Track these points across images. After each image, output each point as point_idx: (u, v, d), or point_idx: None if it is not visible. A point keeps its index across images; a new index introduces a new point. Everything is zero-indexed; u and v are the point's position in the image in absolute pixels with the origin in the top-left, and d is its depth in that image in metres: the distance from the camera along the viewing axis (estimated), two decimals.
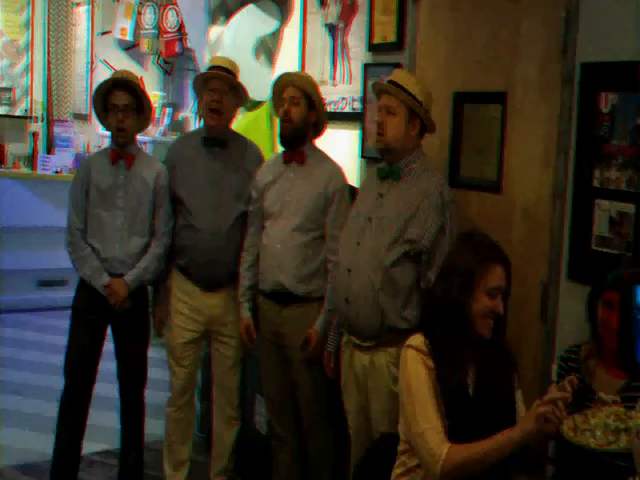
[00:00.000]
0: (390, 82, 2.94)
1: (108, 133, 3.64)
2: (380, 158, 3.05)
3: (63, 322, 3.58)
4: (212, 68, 3.50)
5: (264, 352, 3.45)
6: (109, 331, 3.58)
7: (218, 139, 3.52)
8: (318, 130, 3.39)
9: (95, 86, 3.61)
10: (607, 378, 2.33)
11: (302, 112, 3.28)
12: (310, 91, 3.30)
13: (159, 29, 6.86)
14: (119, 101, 3.44)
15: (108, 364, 3.62)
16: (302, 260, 3.24)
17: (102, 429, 4.15)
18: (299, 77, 3.36)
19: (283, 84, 3.34)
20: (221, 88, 3.45)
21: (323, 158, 3.37)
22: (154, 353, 3.84)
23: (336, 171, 3.32)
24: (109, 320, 3.53)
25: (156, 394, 3.95)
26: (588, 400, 2.27)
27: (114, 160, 3.50)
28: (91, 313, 3.49)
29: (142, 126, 3.60)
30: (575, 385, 2.07)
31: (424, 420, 2.17)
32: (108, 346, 3.60)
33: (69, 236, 3.50)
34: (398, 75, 2.98)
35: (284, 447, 3.49)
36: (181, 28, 6.51)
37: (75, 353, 3.51)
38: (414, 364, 2.24)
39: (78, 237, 3.47)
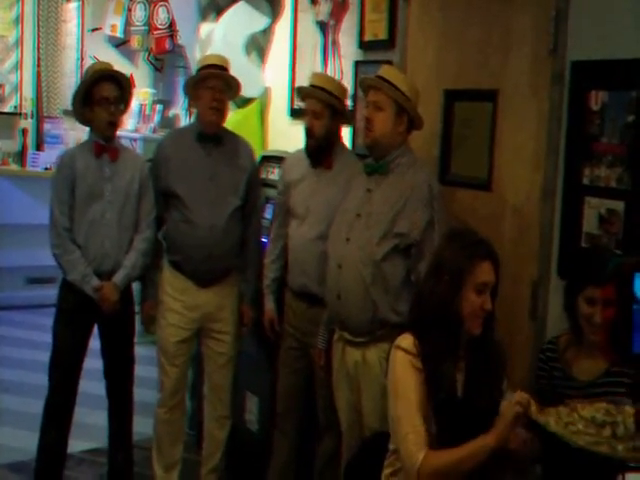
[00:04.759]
0: (378, 77, 2.93)
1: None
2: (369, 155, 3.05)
3: (52, 320, 3.56)
4: (207, 67, 3.48)
5: (285, 345, 3.44)
6: (95, 329, 3.55)
7: (214, 135, 3.52)
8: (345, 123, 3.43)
9: None
10: (587, 366, 2.36)
11: (324, 125, 3.26)
12: (331, 101, 3.25)
13: (150, 26, 6.84)
14: (109, 93, 3.39)
15: (96, 362, 3.59)
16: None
17: (91, 427, 4.14)
18: (318, 91, 3.26)
19: (304, 95, 3.34)
20: (220, 86, 3.46)
21: (349, 162, 3.32)
22: (143, 351, 3.82)
23: None
24: (95, 320, 3.50)
25: (145, 392, 3.93)
26: (568, 388, 2.30)
27: (98, 154, 3.46)
28: (78, 314, 3.45)
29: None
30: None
31: (408, 424, 2.16)
32: (96, 343, 3.57)
33: (56, 237, 3.41)
34: (386, 71, 2.96)
35: (284, 441, 3.48)
36: (172, 25, 6.49)
37: (61, 354, 3.48)
38: (402, 368, 2.22)
39: (65, 238, 3.39)
